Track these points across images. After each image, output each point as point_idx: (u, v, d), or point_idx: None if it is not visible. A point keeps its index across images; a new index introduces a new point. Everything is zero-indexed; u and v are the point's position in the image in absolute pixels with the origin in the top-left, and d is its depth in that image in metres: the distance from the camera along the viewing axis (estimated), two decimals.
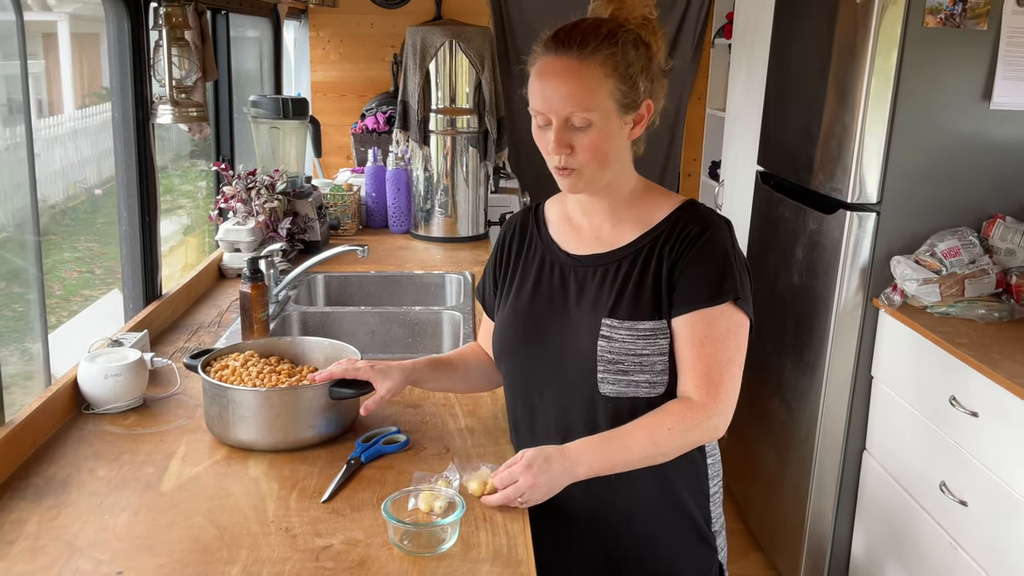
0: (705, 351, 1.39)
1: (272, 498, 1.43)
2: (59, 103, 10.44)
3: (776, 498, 3.04)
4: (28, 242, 1.89)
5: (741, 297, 1.40)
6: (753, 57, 3.52)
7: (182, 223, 3.10)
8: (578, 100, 1.34)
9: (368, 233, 3.30)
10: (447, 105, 3.10)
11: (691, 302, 1.39)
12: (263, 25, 3.50)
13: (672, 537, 1.52)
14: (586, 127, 1.35)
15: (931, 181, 2.54)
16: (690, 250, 1.40)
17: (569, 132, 1.36)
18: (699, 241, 1.40)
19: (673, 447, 1.40)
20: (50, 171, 10.29)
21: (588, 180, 1.41)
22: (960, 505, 2.21)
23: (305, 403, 1.57)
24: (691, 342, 1.39)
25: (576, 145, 1.36)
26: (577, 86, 1.34)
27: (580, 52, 1.35)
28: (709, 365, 1.38)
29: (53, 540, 1.30)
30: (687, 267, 1.40)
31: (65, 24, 9.99)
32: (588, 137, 1.36)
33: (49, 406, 1.62)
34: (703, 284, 1.39)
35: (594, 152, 1.37)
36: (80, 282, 7.96)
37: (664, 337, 1.40)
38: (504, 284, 1.58)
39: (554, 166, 1.40)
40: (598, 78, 1.35)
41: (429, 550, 1.29)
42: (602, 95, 1.35)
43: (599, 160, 1.38)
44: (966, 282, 2.45)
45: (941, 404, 2.28)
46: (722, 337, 1.39)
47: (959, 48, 2.44)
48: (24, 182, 8.37)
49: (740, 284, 1.41)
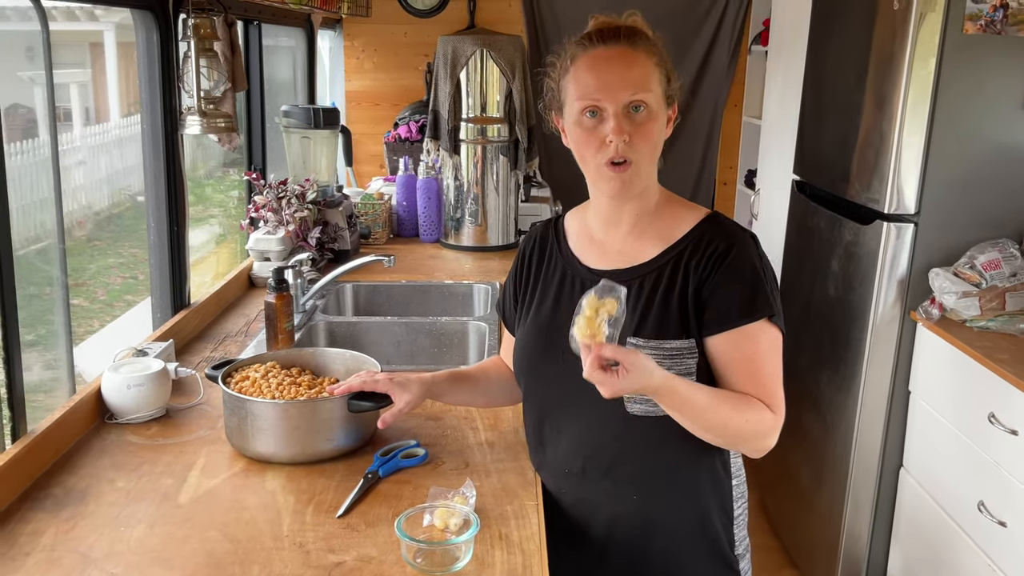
0: (755, 366, 1.36)
1: (288, 512, 1.42)
2: (105, 111, 10.59)
3: (811, 515, 2.97)
4: (54, 248, 1.91)
5: (775, 313, 1.37)
6: (790, 65, 3.46)
7: (214, 232, 3.12)
8: (638, 82, 1.33)
9: (399, 242, 3.30)
10: (478, 114, 3.09)
11: (725, 321, 1.36)
12: (297, 35, 3.52)
13: (695, 559, 1.48)
14: (643, 114, 1.34)
15: (971, 191, 2.47)
16: (719, 268, 1.36)
17: (627, 120, 1.33)
18: (727, 258, 1.37)
19: (735, 435, 1.35)
20: (96, 178, 10.43)
21: (640, 176, 1.37)
22: (999, 526, 2.14)
23: (323, 415, 1.56)
24: (739, 359, 1.36)
25: (633, 134, 1.33)
26: (635, 70, 1.34)
27: (630, 42, 1.35)
28: (762, 379, 1.36)
29: (68, 552, 1.30)
30: (717, 285, 1.36)
31: (112, 34, 10.12)
32: (646, 124, 1.34)
33: (72, 416, 1.63)
34: (736, 302, 1.35)
35: (649, 140, 1.35)
36: (124, 287, 8.05)
37: (692, 357, 1.37)
38: (524, 299, 1.55)
39: (607, 160, 1.34)
40: (651, 65, 1.36)
41: (442, 568, 1.27)
42: (655, 81, 1.36)
43: (652, 150, 1.36)
44: (1007, 295, 2.38)
45: (980, 421, 2.21)
46: (765, 353, 1.36)
47: (1000, 55, 2.38)
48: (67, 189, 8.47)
49: (773, 299, 1.38)
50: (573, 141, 1.39)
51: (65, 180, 9.22)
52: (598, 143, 1.35)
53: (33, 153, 9.11)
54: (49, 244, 8.86)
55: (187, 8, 2.04)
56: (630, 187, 1.38)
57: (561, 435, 1.48)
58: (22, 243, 8.61)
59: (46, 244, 8.67)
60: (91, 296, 7.24)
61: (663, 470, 1.43)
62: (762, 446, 1.38)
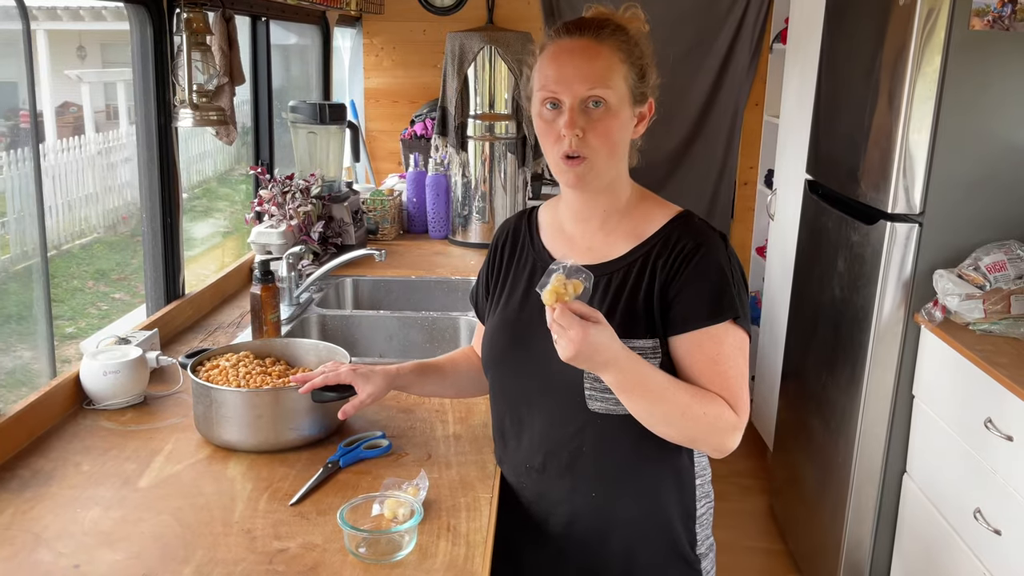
0: (720, 368, 1.34)
1: (243, 499, 1.43)
2: None
3: (815, 520, 2.92)
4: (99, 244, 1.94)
5: (741, 315, 1.35)
6: (806, 63, 3.41)
7: (220, 226, 3.16)
8: (597, 77, 1.31)
9: (408, 238, 3.31)
10: (485, 111, 3.09)
11: (690, 321, 1.34)
12: (313, 32, 3.56)
13: (653, 557, 1.46)
14: (601, 110, 1.32)
15: (977, 191, 2.41)
16: (686, 267, 1.34)
17: (582, 115, 1.32)
18: (695, 258, 1.35)
19: (692, 429, 1.32)
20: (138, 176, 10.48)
21: (596, 171, 1.35)
22: (994, 534, 2.08)
23: (288, 405, 1.57)
24: (702, 360, 1.34)
25: (588, 129, 1.32)
26: (596, 64, 1.32)
27: (596, 34, 1.34)
28: (727, 380, 1.34)
29: (22, 532, 1.32)
30: (683, 285, 1.34)
31: None
32: (602, 121, 1.32)
33: (46, 401, 1.66)
34: (702, 303, 1.33)
35: (606, 137, 1.33)
36: None
37: (655, 356, 1.35)
38: (495, 290, 1.55)
39: (562, 154, 1.33)
40: (615, 60, 1.33)
41: (385, 557, 1.27)
42: (618, 77, 1.33)
43: (609, 147, 1.34)
44: (1012, 298, 2.31)
45: (977, 426, 2.16)
46: (732, 355, 1.34)
47: (1008, 52, 2.31)
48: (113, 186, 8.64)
49: (739, 301, 1.35)
50: (536, 131, 1.39)
51: (111, 176, 9.42)
52: (555, 136, 1.34)
53: (79, 150, 9.32)
54: (94, 239, 9.03)
55: (181, 3, 2.07)
56: (585, 181, 1.36)
57: (524, 430, 1.47)
58: (66, 238, 8.81)
59: (90, 239, 8.85)
60: (132, 290, 7.39)
61: (623, 468, 1.41)
62: (722, 444, 1.35)
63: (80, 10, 11.74)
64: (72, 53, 13.33)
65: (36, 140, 2.05)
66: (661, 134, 4.22)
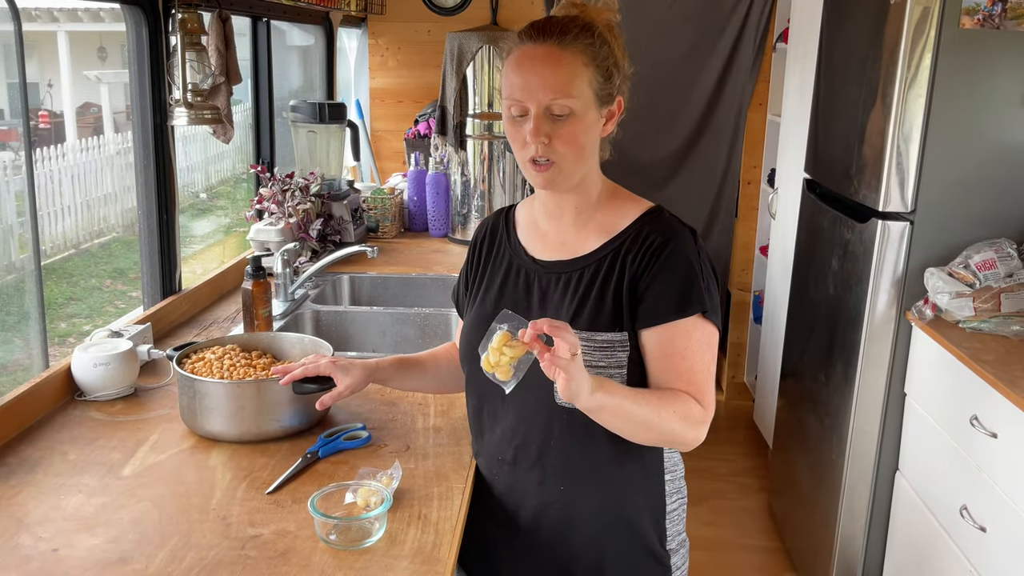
0: (687, 363, 1.36)
1: (222, 487, 1.46)
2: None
3: (810, 518, 2.93)
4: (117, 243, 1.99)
5: (709, 309, 1.37)
6: (807, 62, 3.41)
7: (221, 223, 3.21)
8: (561, 86, 1.32)
9: (408, 236, 3.35)
10: (484, 110, 3.12)
11: (658, 315, 1.36)
12: (317, 33, 3.60)
13: (620, 552, 1.48)
14: (565, 116, 1.33)
15: (968, 190, 2.41)
16: (654, 262, 1.36)
17: (548, 121, 1.33)
18: (663, 253, 1.36)
19: (667, 430, 1.33)
20: None
21: (565, 175, 1.37)
22: (979, 531, 2.09)
23: (269, 396, 1.60)
24: (671, 355, 1.36)
25: (554, 136, 1.33)
26: (559, 72, 1.32)
27: (560, 40, 1.33)
28: (693, 375, 1.36)
29: (4, 516, 1.36)
30: (652, 279, 1.36)
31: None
32: (567, 127, 1.33)
33: (37, 391, 1.71)
34: (670, 296, 1.35)
35: (572, 143, 1.34)
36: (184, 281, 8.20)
37: (623, 350, 1.37)
38: (473, 286, 1.57)
39: (528, 158, 1.35)
40: (578, 66, 1.33)
41: (354, 544, 1.30)
42: (582, 83, 1.33)
43: (576, 151, 1.35)
44: (1002, 296, 2.31)
45: (963, 424, 2.16)
46: (699, 349, 1.36)
47: (998, 51, 2.32)
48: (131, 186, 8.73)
49: (707, 295, 1.37)
50: (505, 132, 1.41)
51: (129, 176, 9.52)
52: (522, 140, 1.36)
53: (99, 150, 9.43)
54: (112, 239, 9.12)
55: (175, 3, 2.11)
56: (554, 184, 1.39)
57: (497, 423, 1.50)
58: (85, 237, 8.91)
59: (108, 239, 8.95)
60: None
61: (590, 462, 1.43)
62: (690, 438, 1.36)
63: (100, 12, 11.89)
64: (93, 54, 13.49)
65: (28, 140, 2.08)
66: (665, 132, 4.23)
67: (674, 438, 1.37)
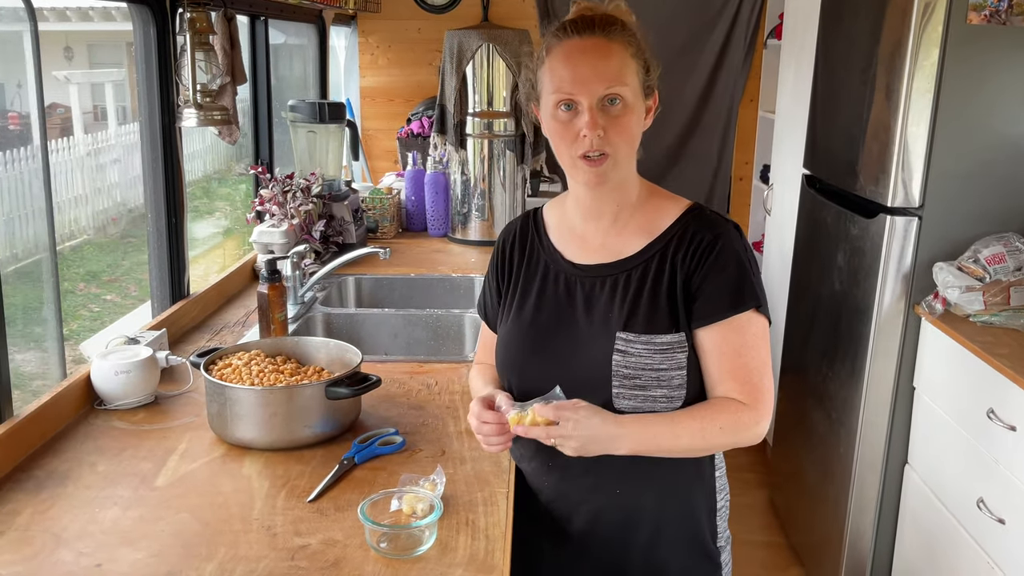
0: (742, 360, 1.35)
1: (261, 496, 1.44)
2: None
3: (816, 513, 2.94)
4: (89, 247, 1.94)
5: (762, 303, 1.37)
6: (802, 58, 3.43)
7: (222, 225, 3.17)
8: (613, 75, 1.32)
9: (407, 236, 3.32)
10: (484, 108, 3.10)
11: (714, 313, 1.35)
12: (310, 31, 3.55)
13: (676, 552, 1.47)
14: (619, 106, 1.33)
15: (976, 184, 2.43)
16: (706, 260, 1.36)
17: (602, 114, 1.32)
18: (714, 250, 1.36)
19: (718, 445, 1.37)
20: (131, 175, 10.54)
21: (618, 168, 1.36)
22: (998, 523, 2.10)
23: (302, 402, 1.57)
24: (726, 352, 1.35)
25: (608, 127, 1.32)
26: (611, 62, 1.33)
27: (605, 32, 1.34)
28: (750, 372, 1.35)
29: (41, 532, 1.33)
30: (705, 277, 1.35)
31: None
32: (621, 117, 1.33)
33: (59, 401, 1.67)
34: (724, 293, 1.35)
35: (626, 133, 1.34)
36: None
37: (682, 351, 1.36)
38: (507, 295, 1.53)
39: (582, 153, 1.33)
40: (627, 56, 1.34)
41: (406, 552, 1.28)
42: (631, 73, 1.34)
43: (629, 142, 1.36)
44: (1011, 290, 2.33)
45: (979, 417, 2.18)
46: (754, 344, 1.36)
47: (1005, 46, 2.34)
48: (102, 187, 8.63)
49: (759, 289, 1.37)
50: (549, 133, 1.39)
51: (100, 178, 9.37)
52: (572, 136, 1.34)
53: (68, 152, 9.27)
54: (83, 241, 8.98)
55: (184, 2, 2.06)
56: (606, 179, 1.37)
57: None
58: (56, 240, 8.77)
59: (80, 241, 8.81)
60: (124, 292, 7.36)
61: (647, 465, 1.40)
62: (744, 442, 1.37)
63: (67, 10, 11.68)
64: (59, 54, 13.24)
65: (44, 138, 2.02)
66: (656, 130, 4.19)
67: (728, 447, 1.39)
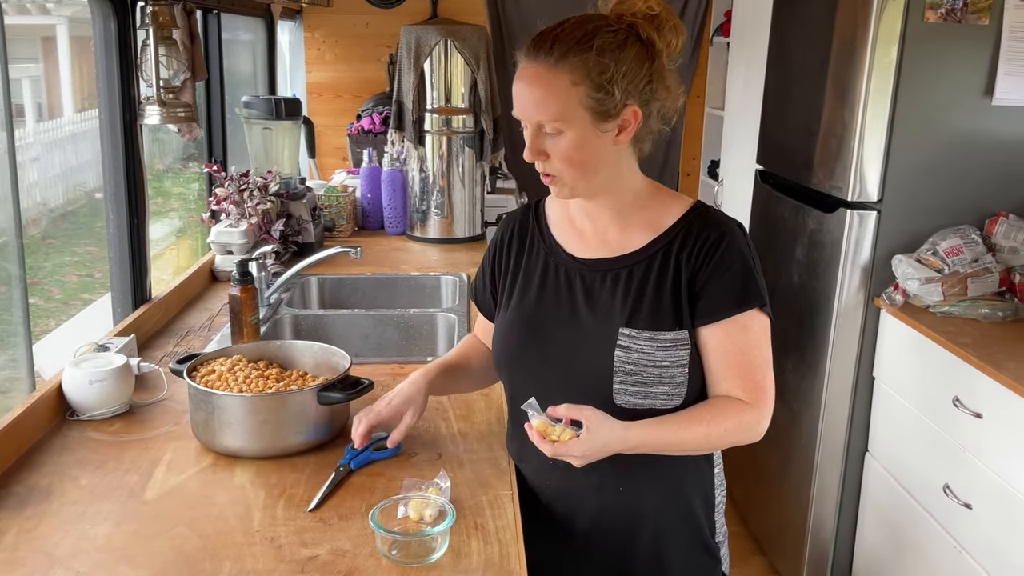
0: (746, 358, 1.36)
1: (258, 507, 1.39)
2: (58, 106, 10.42)
3: (778, 501, 3.00)
4: (11, 246, 1.85)
5: (767, 302, 1.38)
6: (752, 55, 3.48)
7: (174, 226, 3.07)
8: (546, 108, 1.30)
9: (364, 235, 3.27)
10: (442, 105, 3.06)
11: (718, 311, 1.35)
12: (257, 26, 3.47)
13: (678, 549, 1.48)
14: (557, 135, 1.31)
15: (933, 179, 2.50)
16: (711, 258, 1.35)
17: (542, 138, 1.32)
18: (719, 248, 1.35)
19: (721, 445, 1.38)
20: (50, 175, 10.22)
21: (571, 187, 1.36)
22: (964, 508, 2.17)
23: (293, 409, 1.53)
24: (730, 350, 1.36)
25: (550, 152, 1.33)
26: (543, 94, 1.30)
27: (547, 59, 1.29)
28: (752, 370, 1.36)
29: (32, 551, 1.26)
30: (710, 276, 1.35)
31: (64, 27, 9.98)
32: (560, 144, 1.32)
33: (32, 413, 1.59)
34: (729, 292, 1.35)
35: (568, 160, 1.32)
36: (79, 286, 7.90)
37: (685, 348, 1.36)
38: (504, 286, 1.52)
39: (538, 171, 1.38)
40: (565, 87, 1.28)
41: (418, 560, 1.25)
42: (571, 104, 1.29)
43: (575, 168, 1.33)
44: (968, 281, 2.41)
45: (944, 405, 2.24)
46: (757, 343, 1.37)
47: (960, 44, 2.41)
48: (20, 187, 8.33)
49: (763, 288, 1.38)
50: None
51: (19, 177, 9.02)
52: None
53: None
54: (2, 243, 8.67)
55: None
56: (564, 195, 1.39)
57: None
58: None
59: (2, 241, 8.48)
60: (46, 295, 7.09)
61: (649, 461, 1.40)
62: (749, 438, 1.38)
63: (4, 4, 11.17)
64: None
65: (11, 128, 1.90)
66: None
67: (732, 446, 1.39)
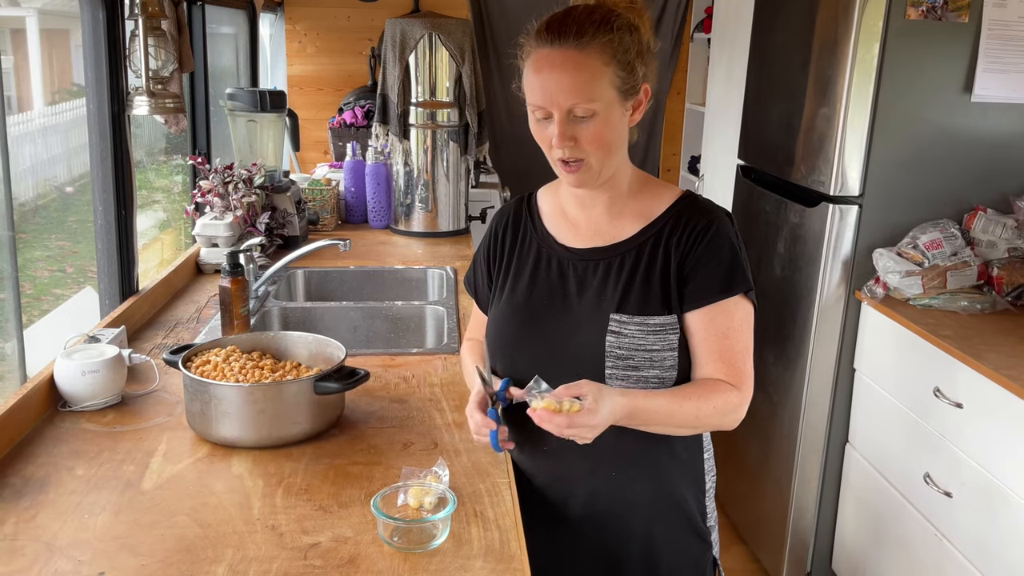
0: (728, 342, 1.38)
1: (257, 495, 1.39)
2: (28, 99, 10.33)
3: (759, 491, 3.03)
4: (3, 238, 1.84)
5: (752, 288, 1.40)
6: (734, 51, 3.51)
7: (158, 218, 3.05)
8: (581, 91, 1.30)
9: (348, 228, 3.27)
10: (427, 98, 3.07)
11: (705, 296, 1.38)
12: (239, 19, 3.45)
13: (670, 534, 1.50)
14: (589, 118, 1.32)
15: (913, 173, 2.54)
16: (699, 244, 1.38)
17: (572, 124, 1.32)
18: (707, 235, 1.38)
19: (708, 424, 1.40)
20: (20, 169, 10.16)
21: (595, 172, 1.37)
22: (945, 496, 2.21)
23: (289, 398, 1.53)
24: (713, 334, 1.38)
25: (580, 137, 1.32)
26: (578, 77, 1.30)
27: (577, 42, 1.31)
28: (734, 355, 1.38)
29: (31, 541, 1.26)
30: (698, 261, 1.38)
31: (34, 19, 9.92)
32: (592, 128, 1.32)
33: (25, 404, 1.58)
34: (716, 278, 1.38)
35: (599, 142, 1.33)
36: (51, 281, 7.81)
37: (674, 332, 1.39)
38: (499, 277, 1.54)
39: (557, 159, 1.36)
40: (598, 67, 1.31)
41: (420, 546, 1.26)
42: (603, 84, 1.31)
43: (604, 150, 1.35)
44: (948, 274, 2.45)
45: (925, 396, 2.28)
46: (740, 328, 1.39)
47: (940, 41, 2.45)
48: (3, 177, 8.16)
49: (748, 274, 1.40)
50: (532, 131, 1.40)
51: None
52: (548, 141, 1.35)
53: None
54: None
55: None
56: (586, 181, 1.39)
57: None
58: None
59: None
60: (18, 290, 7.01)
61: (640, 447, 1.44)
62: (731, 421, 1.41)
63: None
64: None
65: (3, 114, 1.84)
66: None
67: (713, 428, 1.43)
